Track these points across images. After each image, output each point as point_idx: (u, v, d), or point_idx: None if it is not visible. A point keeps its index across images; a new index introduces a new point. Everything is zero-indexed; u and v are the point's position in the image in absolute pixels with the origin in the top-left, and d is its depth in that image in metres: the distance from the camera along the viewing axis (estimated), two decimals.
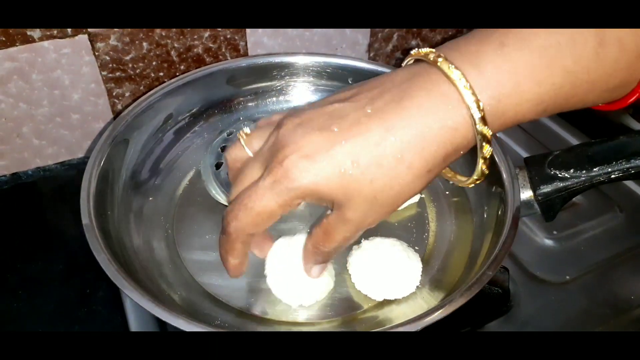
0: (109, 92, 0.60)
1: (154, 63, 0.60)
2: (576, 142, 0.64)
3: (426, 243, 0.49)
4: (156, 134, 0.54)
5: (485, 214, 0.48)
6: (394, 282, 0.44)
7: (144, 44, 0.58)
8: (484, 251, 0.44)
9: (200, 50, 0.61)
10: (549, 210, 0.45)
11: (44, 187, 0.61)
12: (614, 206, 0.57)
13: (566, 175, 0.44)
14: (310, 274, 0.41)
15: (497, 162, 0.47)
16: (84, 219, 0.42)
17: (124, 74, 0.59)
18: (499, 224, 0.44)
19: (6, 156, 0.60)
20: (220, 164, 0.52)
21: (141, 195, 0.51)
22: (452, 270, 0.46)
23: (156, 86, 0.55)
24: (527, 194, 0.45)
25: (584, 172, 0.43)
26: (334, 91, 0.59)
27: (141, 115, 0.52)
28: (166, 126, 0.55)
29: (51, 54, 0.55)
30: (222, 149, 0.53)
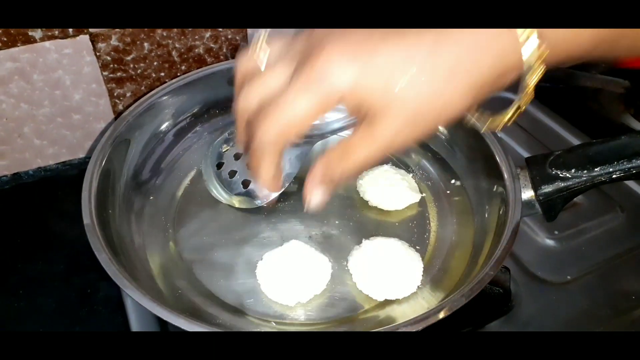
0: (110, 93, 0.60)
1: (155, 63, 0.60)
2: (577, 142, 0.63)
3: (427, 243, 0.49)
4: (157, 134, 0.54)
5: (487, 214, 0.48)
6: (395, 282, 0.44)
7: (145, 44, 0.58)
8: (485, 251, 0.44)
9: (201, 51, 0.61)
10: (550, 210, 0.45)
11: (45, 187, 0.61)
12: (615, 206, 0.57)
13: (567, 175, 0.44)
14: (310, 199, 0.36)
15: (498, 161, 0.47)
16: (86, 218, 0.42)
17: (125, 74, 0.59)
18: (500, 224, 0.44)
19: (7, 156, 0.60)
20: (221, 163, 0.52)
21: (142, 195, 0.51)
22: (453, 270, 0.46)
23: (157, 86, 0.55)
24: (528, 194, 0.45)
25: (585, 172, 0.43)
26: None
27: (142, 115, 0.52)
28: (167, 126, 0.55)
29: (52, 54, 0.55)
30: (223, 149, 0.53)
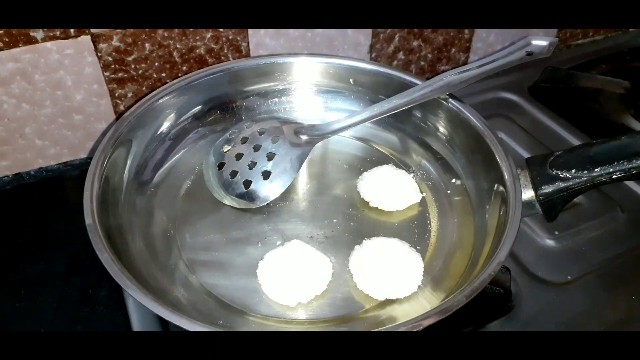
0: (112, 93, 0.60)
1: (156, 64, 0.60)
2: (578, 143, 0.64)
3: (428, 243, 0.49)
4: (158, 134, 0.54)
5: (487, 214, 0.48)
6: (395, 282, 0.44)
7: (147, 44, 0.58)
8: (486, 251, 0.44)
9: (202, 51, 0.61)
10: (550, 211, 0.45)
11: (46, 188, 0.61)
12: (616, 206, 0.57)
13: (567, 175, 0.44)
14: None
15: (498, 162, 0.47)
16: (87, 218, 0.42)
17: (126, 75, 0.59)
18: (500, 224, 0.44)
19: (9, 157, 0.60)
20: (222, 164, 0.52)
21: (144, 195, 0.51)
22: (454, 270, 0.46)
23: (158, 87, 0.55)
24: (528, 194, 0.45)
25: (586, 172, 0.43)
26: (336, 92, 0.60)
27: (143, 115, 0.52)
28: (168, 127, 0.55)
29: (54, 54, 0.55)
30: (224, 149, 0.53)
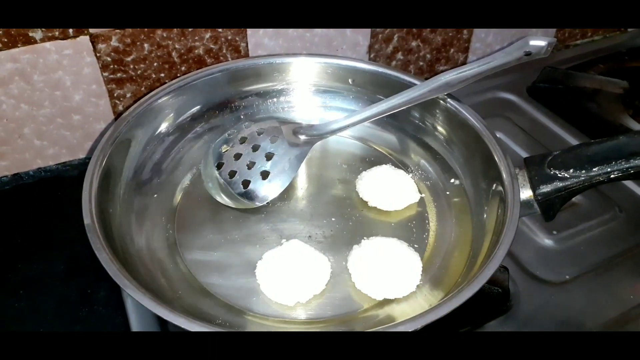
0: (110, 93, 0.60)
1: (155, 64, 0.60)
2: (576, 142, 0.64)
3: (426, 243, 0.49)
4: (157, 134, 0.54)
5: (485, 214, 0.48)
6: (394, 282, 0.44)
7: (145, 45, 0.58)
8: (484, 251, 0.44)
9: (201, 52, 0.61)
10: (548, 210, 0.45)
11: (45, 188, 0.61)
12: (614, 206, 0.57)
13: (566, 175, 0.44)
14: None
15: (496, 161, 0.47)
16: (86, 219, 0.42)
17: (125, 75, 0.59)
18: (498, 223, 0.44)
19: (7, 157, 0.60)
20: (221, 164, 0.52)
21: (142, 196, 0.51)
22: (452, 270, 0.46)
23: (157, 87, 0.55)
24: (526, 193, 0.45)
25: (584, 172, 0.43)
26: (334, 92, 0.60)
27: (142, 116, 0.52)
28: (167, 127, 0.55)
29: (53, 55, 0.55)
30: (222, 149, 0.53)
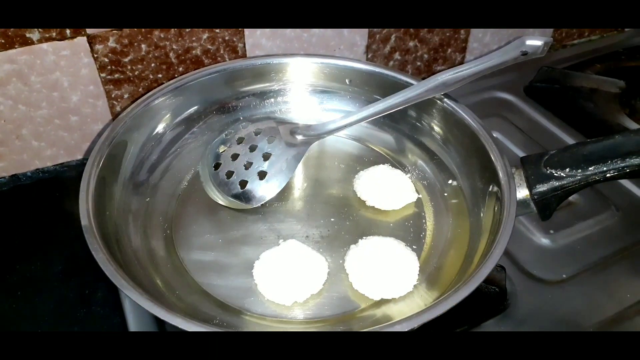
0: (108, 94, 0.60)
1: (152, 65, 0.60)
2: (572, 142, 0.64)
3: (423, 242, 0.49)
4: (154, 135, 0.54)
5: (482, 214, 0.48)
6: (391, 281, 0.44)
7: (143, 45, 0.58)
8: (481, 250, 0.44)
9: (198, 52, 0.61)
10: (545, 209, 0.45)
11: (43, 189, 0.61)
12: (610, 205, 0.57)
13: (562, 174, 0.44)
14: None
15: (493, 161, 0.47)
16: (83, 220, 0.42)
17: (122, 76, 0.59)
18: (495, 223, 0.44)
19: (5, 158, 0.60)
20: (218, 164, 0.52)
21: (140, 196, 0.51)
22: (449, 269, 0.46)
23: (155, 88, 0.55)
24: (523, 193, 0.45)
25: (580, 171, 0.43)
26: (331, 92, 0.60)
27: (140, 116, 0.52)
28: (164, 127, 0.55)
29: (50, 56, 0.55)
30: (220, 150, 0.53)
